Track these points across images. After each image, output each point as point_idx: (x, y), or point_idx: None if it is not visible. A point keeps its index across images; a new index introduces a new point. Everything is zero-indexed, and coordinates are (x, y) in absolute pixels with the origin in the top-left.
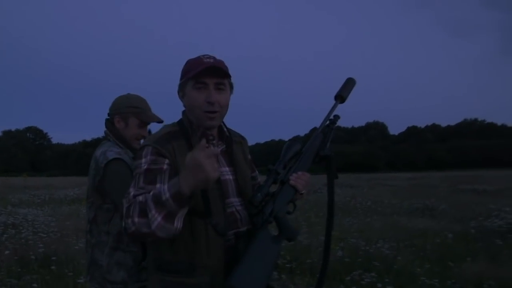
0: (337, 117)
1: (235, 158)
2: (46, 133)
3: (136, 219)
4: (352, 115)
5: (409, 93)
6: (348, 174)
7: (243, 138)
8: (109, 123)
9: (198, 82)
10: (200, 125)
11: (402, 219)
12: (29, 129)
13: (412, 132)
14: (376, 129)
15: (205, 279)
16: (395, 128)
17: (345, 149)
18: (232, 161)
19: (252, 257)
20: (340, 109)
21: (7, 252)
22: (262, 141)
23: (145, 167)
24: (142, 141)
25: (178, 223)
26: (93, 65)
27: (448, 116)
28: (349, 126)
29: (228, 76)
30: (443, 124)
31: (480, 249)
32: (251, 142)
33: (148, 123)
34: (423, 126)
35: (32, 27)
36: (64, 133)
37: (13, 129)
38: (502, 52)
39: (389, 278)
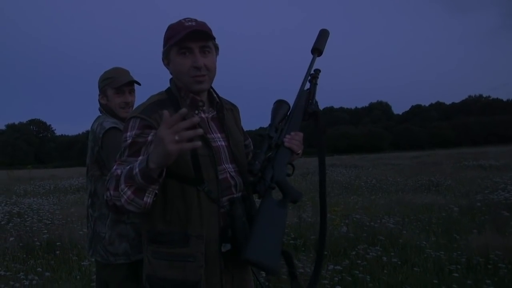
0: (318, 71)
1: (227, 124)
2: (50, 125)
3: (112, 192)
4: (355, 96)
5: (413, 72)
6: (352, 155)
7: (234, 106)
8: (99, 102)
9: (182, 48)
10: (189, 90)
11: (407, 196)
12: (32, 121)
13: (416, 110)
14: (380, 109)
15: (200, 248)
16: (399, 107)
17: (349, 130)
18: (224, 127)
19: (263, 226)
20: (343, 92)
21: (11, 239)
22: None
23: (130, 140)
24: (128, 109)
25: (148, 199)
26: (95, 54)
27: (452, 94)
28: (353, 107)
29: (212, 38)
30: (448, 101)
31: (486, 221)
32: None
33: (123, 88)
34: (427, 104)
35: (32, 18)
36: (68, 124)
37: (16, 122)
38: (503, 28)
39: (395, 252)
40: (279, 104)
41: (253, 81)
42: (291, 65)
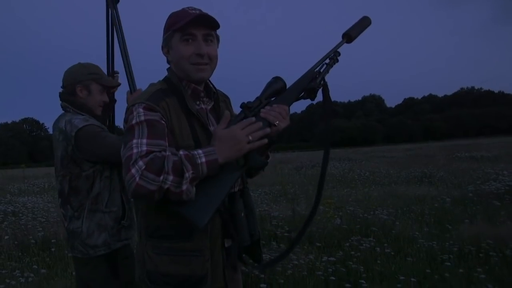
0: (337, 53)
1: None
2: (43, 124)
3: (171, 177)
4: (348, 90)
5: (405, 65)
6: (345, 148)
7: (226, 96)
8: (66, 95)
9: (186, 34)
10: (189, 79)
11: (400, 188)
12: (25, 120)
13: (409, 103)
14: (372, 103)
15: (205, 242)
16: (392, 100)
17: (342, 124)
18: (220, 118)
19: (203, 184)
20: (336, 85)
21: (6, 237)
22: None
23: (141, 118)
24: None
25: (194, 189)
26: (91, 53)
27: (444, 86)
28: (346, 100)
29: (217, 26)
30: (440, 94)
31: (478, 211)
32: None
33: (108, 88)
34: (420, 97)
35: (28, 14)
36: None
37: (9, 122)
38: (494, 20)
39: (388, 242)
40: (275, 80)
41: (246, 74)
42: (288, 58)
